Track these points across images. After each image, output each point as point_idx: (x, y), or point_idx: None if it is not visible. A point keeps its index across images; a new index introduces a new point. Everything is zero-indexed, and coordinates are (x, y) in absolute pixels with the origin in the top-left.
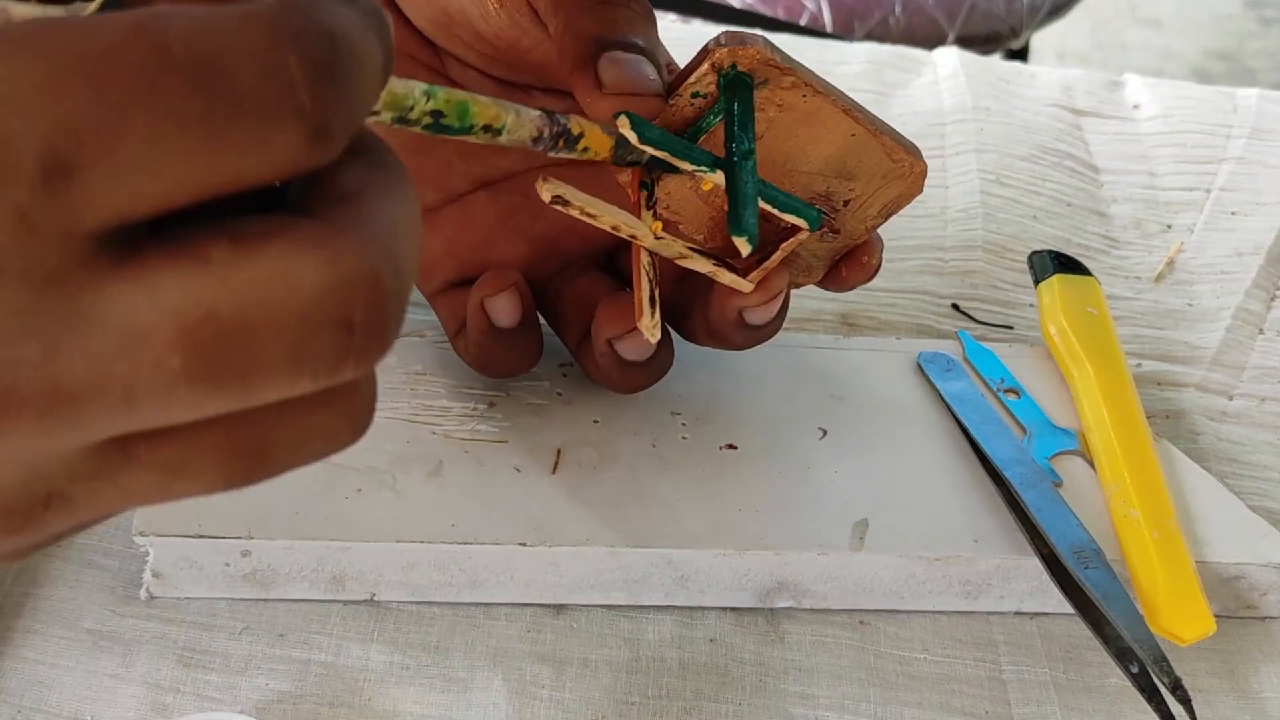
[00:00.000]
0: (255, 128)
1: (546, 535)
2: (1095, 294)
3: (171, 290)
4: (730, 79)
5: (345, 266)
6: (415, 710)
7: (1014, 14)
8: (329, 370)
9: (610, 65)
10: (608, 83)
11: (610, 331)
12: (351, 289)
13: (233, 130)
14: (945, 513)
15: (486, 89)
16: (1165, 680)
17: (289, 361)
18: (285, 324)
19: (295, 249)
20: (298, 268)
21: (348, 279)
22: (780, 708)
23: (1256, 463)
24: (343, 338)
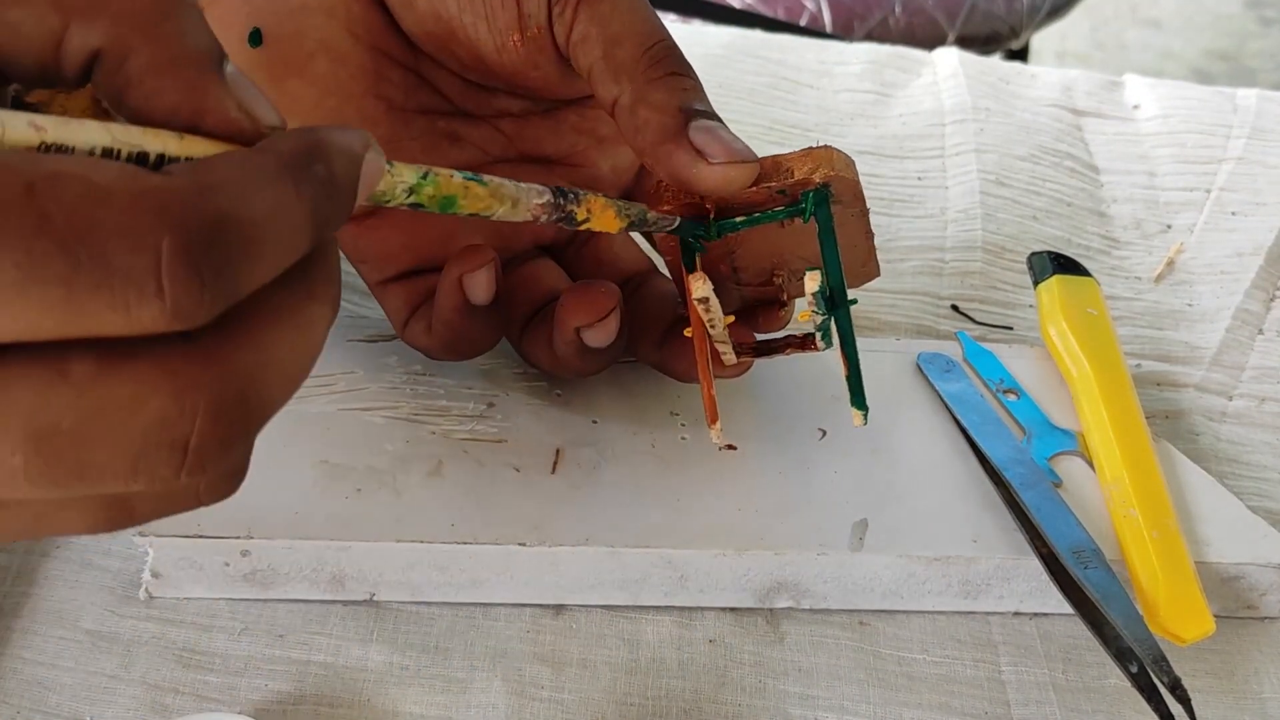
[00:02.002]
0: (113, 299)
1: (546, 535)
2: (1095, 295)
3: (22, 400)
4: (822, 194)
5: (191, 400)
6: (415, 710)
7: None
8: (164, 479)
9: (704, 134)
10: (711, 152)
11: (580, 320)
12: (192, 419)
13: (91, 298)
14: (945, 513)
15: (456, 87)
16: (1164, 680)
17: (125, 471)
18: (123, 442)
19: (151, 376)
20: (146, 394)
21: (190, 410)
22: (780, 708)
23: (1256, 463)
24: (178, 457)
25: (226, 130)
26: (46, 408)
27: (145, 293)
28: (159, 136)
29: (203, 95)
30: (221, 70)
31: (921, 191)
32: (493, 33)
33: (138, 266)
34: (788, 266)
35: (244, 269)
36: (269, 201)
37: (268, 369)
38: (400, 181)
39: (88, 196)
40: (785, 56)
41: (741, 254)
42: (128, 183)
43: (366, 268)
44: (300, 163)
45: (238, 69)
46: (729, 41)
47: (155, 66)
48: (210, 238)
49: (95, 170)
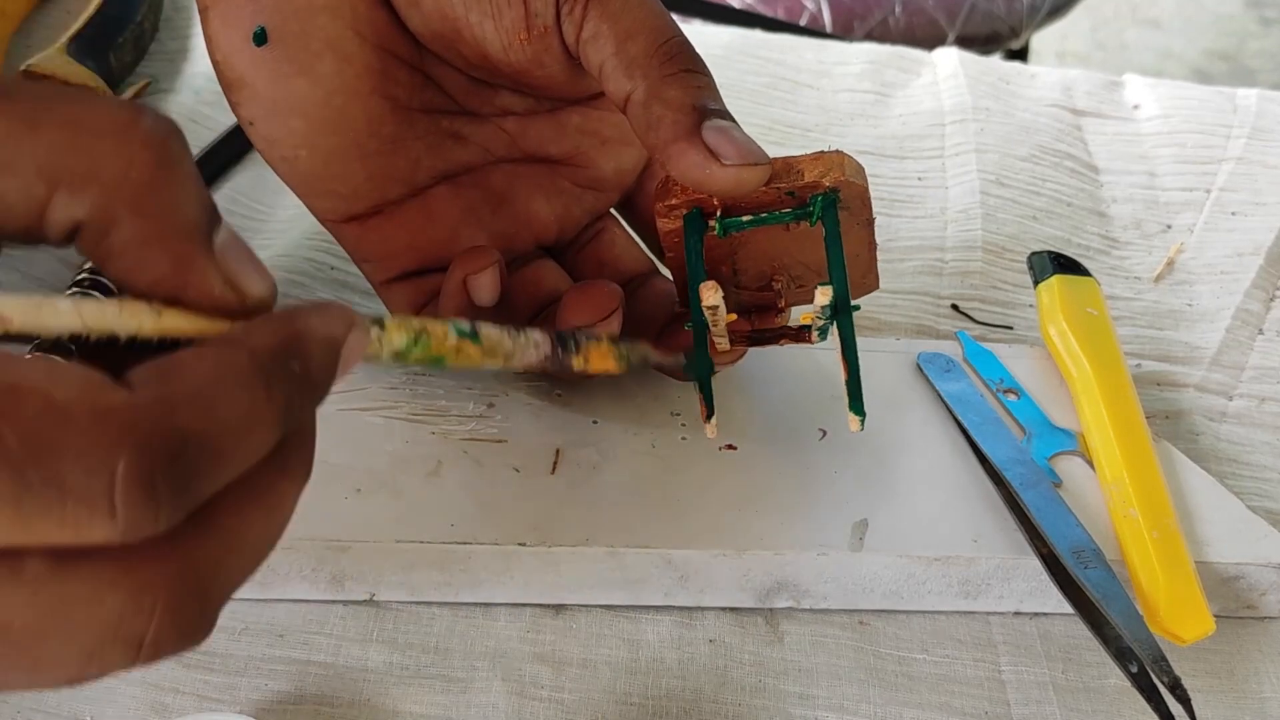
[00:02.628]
0: (63, 519)
1: (546, 535)
2: (1095, 294)
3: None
4: (830, 198)
5: (149, 599)
6: (415, 710)
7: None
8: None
9: (718, 135)
10: (724, 152)
11: (583, 319)
12: (150, 616)
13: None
14: (945, 513)
15: (460, 86)
16: (1164, 680)
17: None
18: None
19: (107, 575)
20: (103, 593)
21: (149, 608)
22: (780, 708)
23: (1256, 463)
24: (132, 651)
25: (210, 307)
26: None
27: (96, 512)
28: (134, 314)
29: (186, 270)
30: (210, 241)
31: (921, 191)
32: (499, 31)
33: (91, 488)
34: (788, 272)
35: (205, 480)
36: (238, 410)
37: (234, 552)
38: (389, 346)
39: (44, 416)
40: (785, 56)
41: (743, 255)
42: (89, 399)
43: (370, 267)
44: (276, 361)
45: (232, 233)
46: (729, 41)
47: (140, 239)
48: (170, 457)
49: (56, 384)
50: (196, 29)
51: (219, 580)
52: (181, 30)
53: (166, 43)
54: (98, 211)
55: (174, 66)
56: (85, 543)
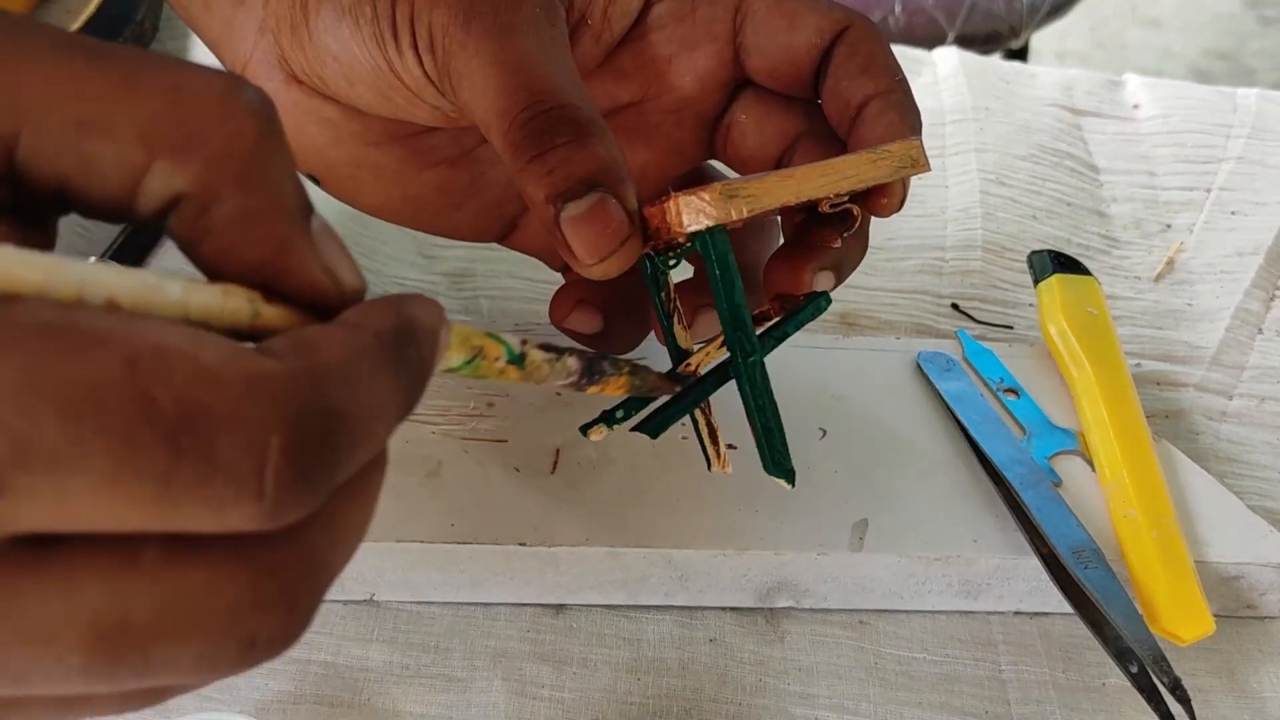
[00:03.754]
0: (210, 499)
1: (546, 535)
2: (1095, 294)
3: (89, 591)
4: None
5: (265, 592)
6: (415, 710)
7: (1014, 14)
8: (226, 672)
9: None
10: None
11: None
12: (265, 613)
13: (188, 497)
14: (945, 513)
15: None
16: (1164, 680)
17: (187, 666)
18: (193, 636)
19: (227, 563)
20: (221, 585)
21: (264, 603)
22: (780, 708)
23: (1256, 463)
24: (245, 651)
25: (309, 293)
26: (115, 600)
27: (245, 492)
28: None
29: (289, 253)
30: (309, 224)
31: (921, 190)
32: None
33: (243, 465)
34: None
35: (347, 465)
36: (376, 393)
37: (340, 544)
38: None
39: (198, 380)
40: None
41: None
42: (239, 365)
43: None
44: (398, 345)
45: (324, 220)
46: None
47: (243, 217)
48: (321, 438)
49: (202, 347)
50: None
51: (326, 573)
52: (181, 30)
53: (166, 42)
54: (201, 183)
55: None
56: (223, 529)
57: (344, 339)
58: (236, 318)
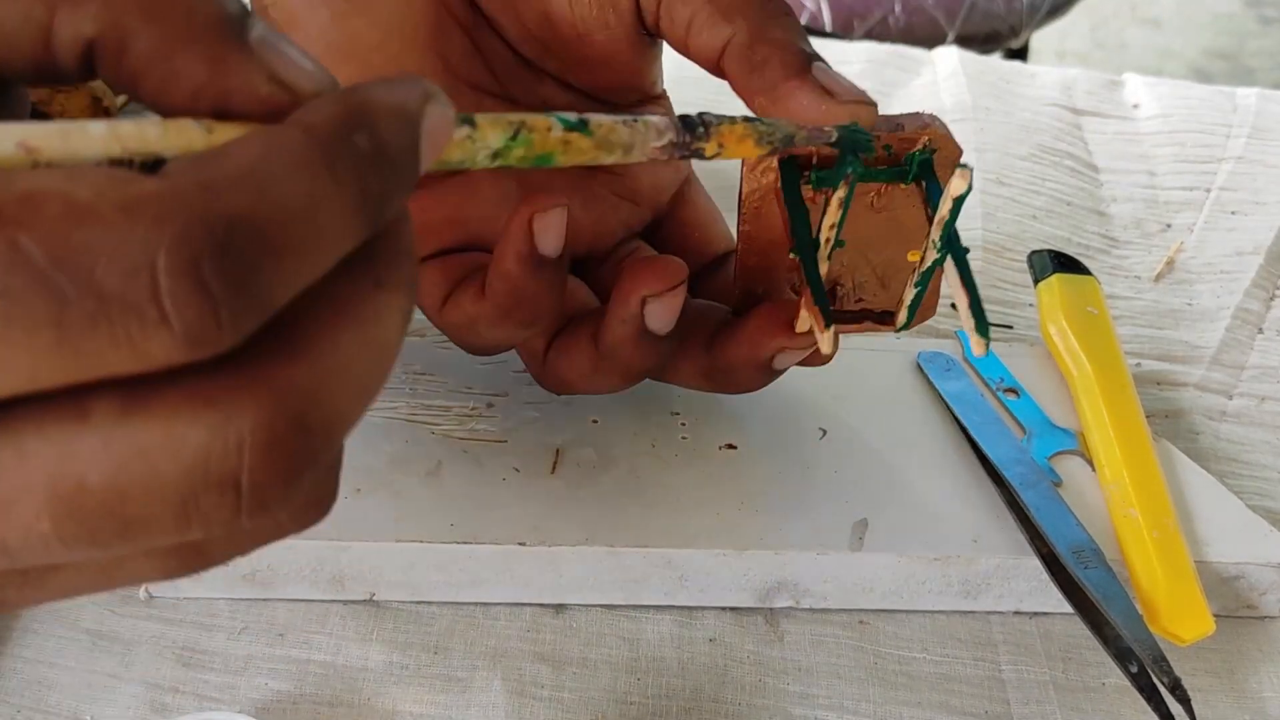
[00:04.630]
0: (113, 334)
1: (546, 535)
2: (1095, 294)
3: (39, 455)
4: (926, 156)
5: (235, 432)
6: (415, 710)
7: (1014, 13)
8: (221, 525)
9: (826, 75)
10: (838, 91)
11: (649, 287)
12: (239, 454)
13: (87, 337)
14: (945, 513)
15: (507, 65)
16: (1164, 680)
17: (172, 523)
18: (164, 489)
19: (186, 408)
20: (183, 430)
21: (235, 444)
22: (780, 708)
23: (1256, 462)
24: (231, 499)
25: (260, 109)
26: (69, 462)
27: (147, 319)
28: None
29: (224, 72)
30: (244, 35)
31: None
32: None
33: (133, 290)
34: (853, 276)
35: (272, 276)
36: (296, 191)
37: (331, 379)
38: (483, 146)
39: (66, 216)
40: None
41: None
42: (114, 192)
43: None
44: (335, 136)
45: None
46: None
47: (163, 48)
48: (218, 244)
49: (75, 183)
50: None
51: (320, 412)
52: None
53: None
54: (105, 23)
55: None
56: (149, 365)
57: (261, 141)
58: (188, 141)
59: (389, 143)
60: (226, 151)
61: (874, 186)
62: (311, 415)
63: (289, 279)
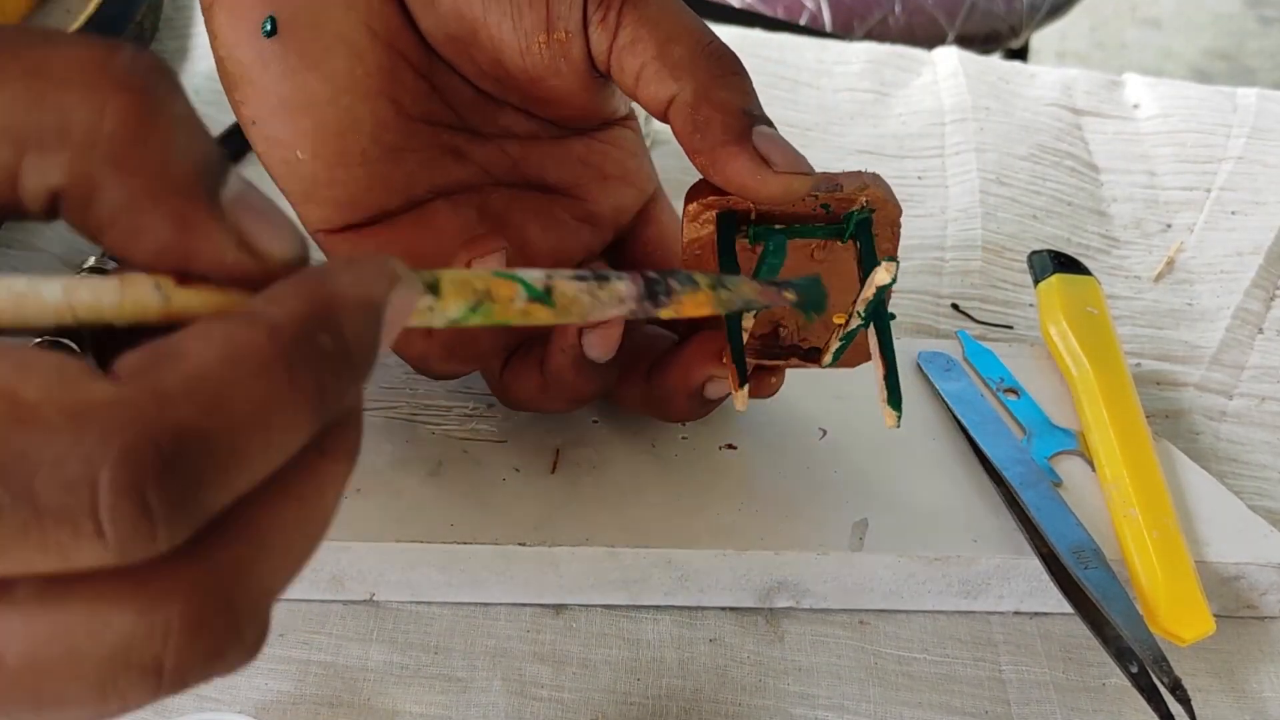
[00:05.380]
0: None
1: (546, 535)
2: (1095, 294)
3: None
4: (864, 216)
5: (161, 617)
6: (415, 710)
7: (1014, 13)
8: (139, 703)
9: (767, 142)
10: (775, 159)
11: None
12: (163, 639)
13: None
14: (945, 513)
15: (466, 99)
16: (1165, 680)
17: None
18: (83, 672)
19: (110, 594)
20: (107, 615)
21: (161, 628)
22: (780, 708)
23: (1256, 462)
24: (151, 680)
25: (224, 275)
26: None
27: (81, 534)
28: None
29: (192, 234)
30: (215, 195)
31: (921, 190)
32: (517, 32)
33: (70, 506)
34: (796, 318)
35: (216, 489)
36: (252, 402)
37: (264, 556)
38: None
39: (9, 417)
40: (785, 56)
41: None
42: (63, 395)
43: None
44: (299, 338)
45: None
46: (728, 41)
47: (129, 202)
48: (165, 464)
49: (22, 378)
50: (196, 29)
51: (250, 587)
52: (181, 30)
53: (166, 42)
54: (74, 175)
55: (174, 66)
56: (74, 568)
57: (219, 339)
58: (144, 309)
59: (351, 340)
60: (184, 353)
61: (814, 240)
62: (240, 595)
63: (232, 488)
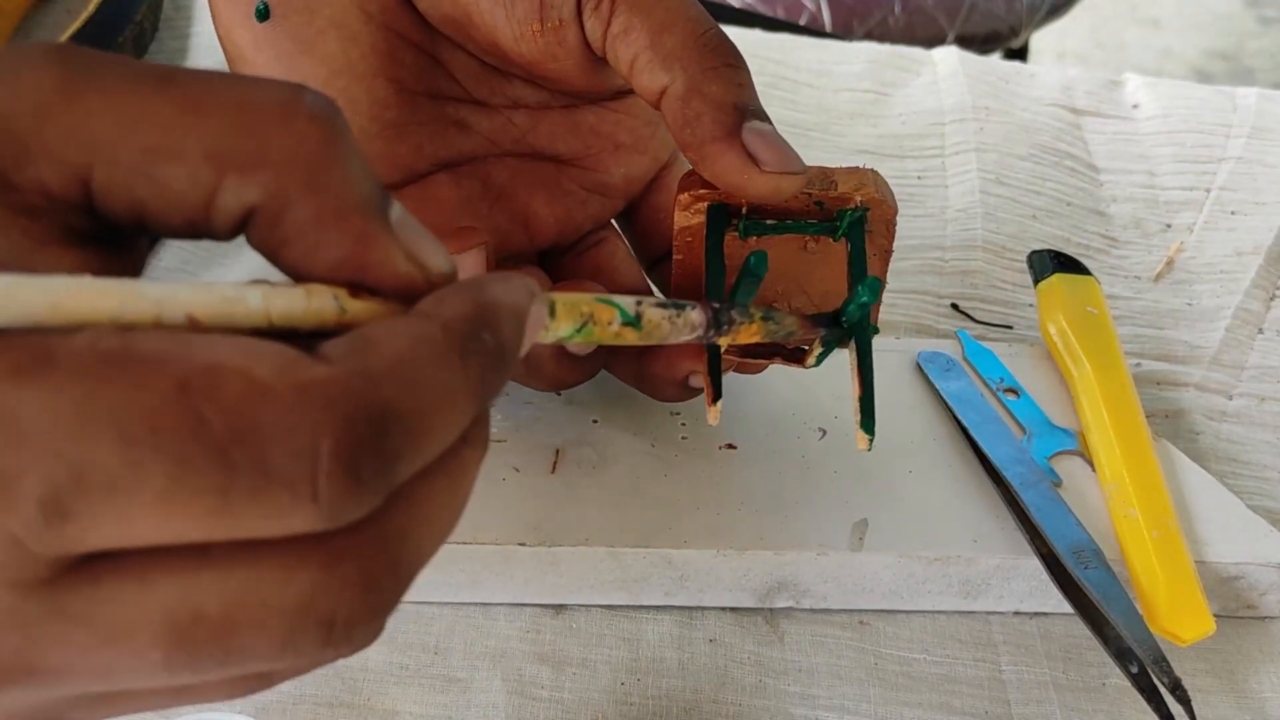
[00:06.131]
0: (266, 508)
1: (546, 535)
2: (1095, 294)
3: (162, 589)
4: (858, 216)
5: (341, 576)
6: (415, 710)
7: (1014, 13)
8: (310, 655)
9: (758, 138)
10: (764, 158)
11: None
12: (340, 595)
13: (245, 508)
14: (945, 513)
15: (471, 71)
16: (1165, 680)
17: (269, 652)
18: (269, 623)
19: (298, 555)
20: (294, 572)
21: (340, 587)
22: (780, 708)
23: (1256, 462)
24: (324, 633)
25: (394, 285)
26: (188, 597)
27: (300, 498)
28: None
29: (369, 247)
30: (387, 216)
31: (921, 190)
32: (510, 21)
33: (295, 472)
34: (789, 301)
35: (406, 462)
36: (437, 386)
37: (423, 526)
38: (551, 334)
39: (248, 395)
40: (784, 56)
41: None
42: (289, 376)
43: None
44: (469, 334)
45: (403, 209)
46: None
47: (317, 219)
48: (373, 437)
49: (254, 360)
50: (196, 29)
51: (409, 557)
52: (181, 30)
53: (166, 42)
54: (271, 193)
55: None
56: (285, 532)
57: (407, 333)
58: (323, 317)
59: (506, 342)
60: (377, 340)
61: (805, 236)
62: (403, 559)
63: (418, 461)
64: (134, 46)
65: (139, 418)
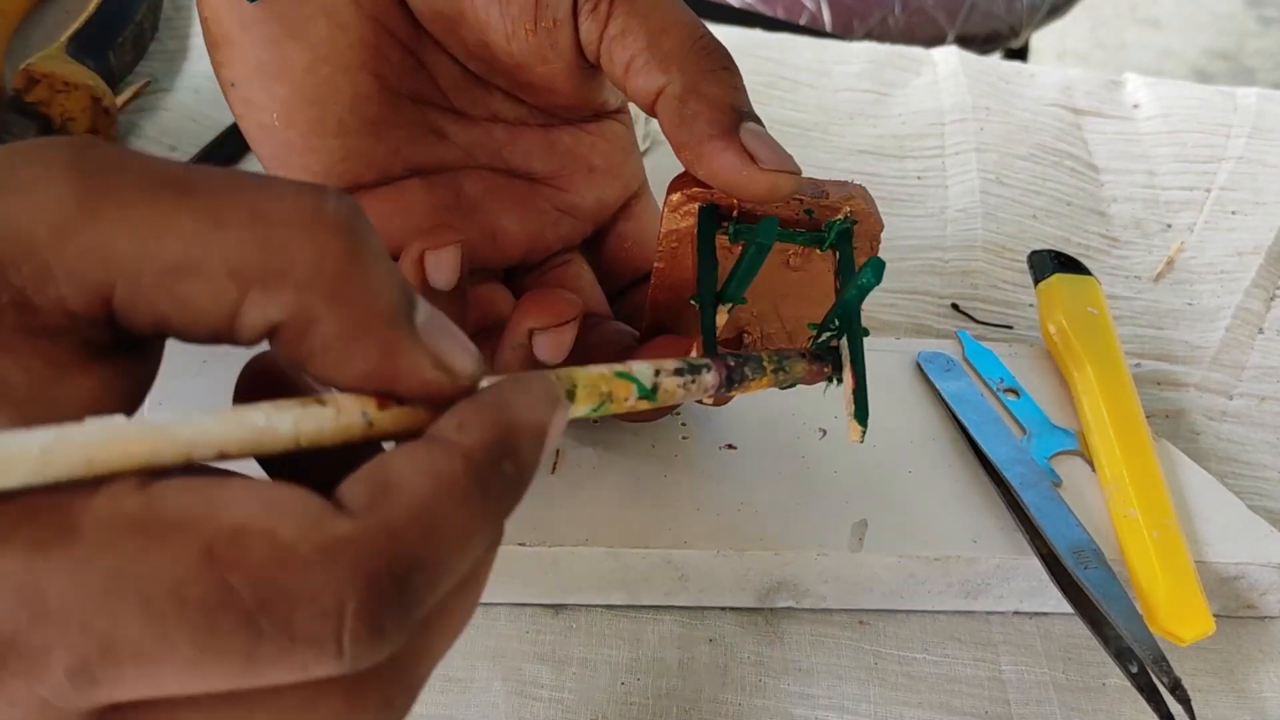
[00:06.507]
0: (293, 664)
1: (546, 535)
2: (1095, 294)
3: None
4: (846, 227)
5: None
6: (414, 710)
7: (1014, 13)
8: None
9: (755, 139)
10: (762, 157)
11: (536, 321)
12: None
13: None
14: (945, 513)
15: (453, 79)
16: (1164, 680)
17: None
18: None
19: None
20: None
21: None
22: (780, 708)
23: (1256, 462)
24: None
25: (422, 394)
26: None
27: (324, 654)
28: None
29: (396, 358)
30: (413, 322)
31: (922, 190)
32: (504, 18)
33: (320, 632)
34: (762, 326)
35: (427, 603)
36: (459, 527)
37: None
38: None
39: (273, 560)
40: (784, 56)
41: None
42: (313, 536)
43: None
44: (489, 465)
45: (430, 309)
46: (728, 41)
47: (342, 334)
48: (397, 591)
49: (278, 520)
50: (196, 29)
51: (426, 667)
52: (181, 30)
53: (166, 42)
54: (296, 310)
55: (174, 66)
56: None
57: (428, 471)
58: (350, 433)
59: (527, 464)
60: (398, 486)
61: (791, 246)
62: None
63: (438, 598)
64: (133, 46)
65: (166, 590)
